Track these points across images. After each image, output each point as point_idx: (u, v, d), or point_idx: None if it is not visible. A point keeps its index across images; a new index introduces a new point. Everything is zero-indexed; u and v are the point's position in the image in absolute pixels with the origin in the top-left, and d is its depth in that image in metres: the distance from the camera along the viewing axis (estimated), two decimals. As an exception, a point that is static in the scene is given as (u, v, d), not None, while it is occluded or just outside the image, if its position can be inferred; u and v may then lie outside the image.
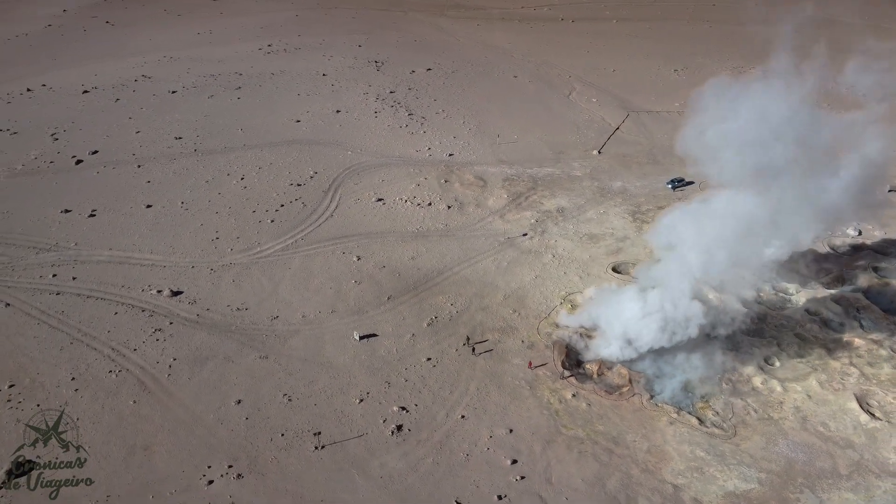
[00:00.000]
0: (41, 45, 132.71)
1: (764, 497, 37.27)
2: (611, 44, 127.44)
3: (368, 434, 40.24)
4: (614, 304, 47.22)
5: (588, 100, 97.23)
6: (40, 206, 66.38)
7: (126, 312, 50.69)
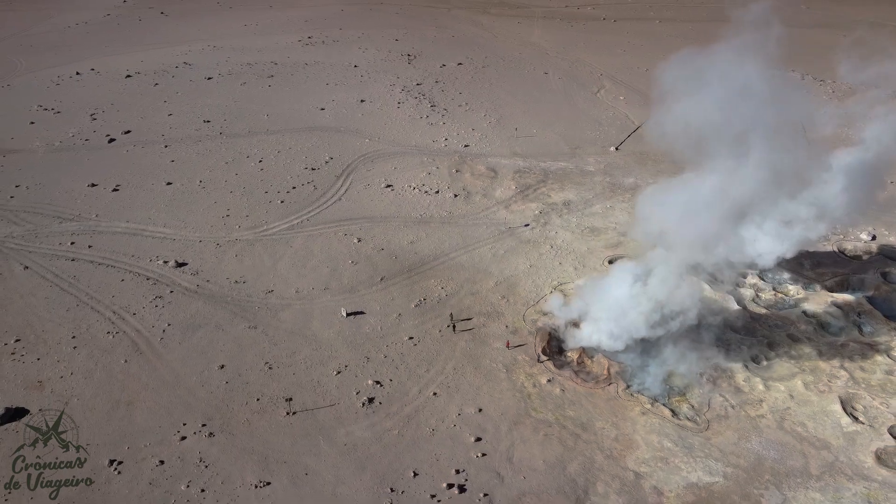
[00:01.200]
0: (98, 33, 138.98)
1: (726, 491, 36.88)
2: (650, 44, 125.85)
3: (340, 404, 41.42)
4: (599, 291, 47.19)
5: (615, 98, 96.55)
6: (70, 180, 70.02)
7: (132, 280, 53.23)
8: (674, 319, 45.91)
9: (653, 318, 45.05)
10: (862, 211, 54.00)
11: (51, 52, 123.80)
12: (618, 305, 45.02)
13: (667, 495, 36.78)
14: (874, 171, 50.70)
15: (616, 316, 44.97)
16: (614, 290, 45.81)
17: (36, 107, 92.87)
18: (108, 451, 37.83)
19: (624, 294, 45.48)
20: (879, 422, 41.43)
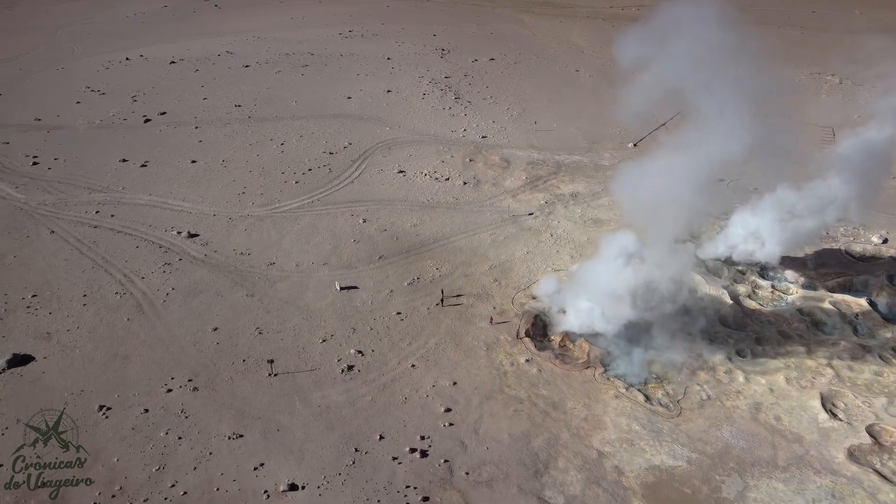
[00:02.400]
0: (152, 23, 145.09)
1: (688, 475, 37.11)
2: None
3: (320, 369, 43.18)
4: (585, 272, 47.62)
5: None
6: (104, 155, 74.07)
7: (146, 247, 56.28)
8: (658, 296, 46.00)
9: (637, 296, 45.02)
10: (869, 203, 53.10)
11: (106, 40, 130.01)
12: (601, 283, 45.19)
13: (627, 475, 37.20)
14: (882, 157, 49.85)
15: (599, 296, 45.28)
16: (599, 267, 46.04)
17: (84, 88, 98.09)
18: (100, 397, 40.48)
19: (608, 270, 45.62)
20: (859, 420, 40.83)
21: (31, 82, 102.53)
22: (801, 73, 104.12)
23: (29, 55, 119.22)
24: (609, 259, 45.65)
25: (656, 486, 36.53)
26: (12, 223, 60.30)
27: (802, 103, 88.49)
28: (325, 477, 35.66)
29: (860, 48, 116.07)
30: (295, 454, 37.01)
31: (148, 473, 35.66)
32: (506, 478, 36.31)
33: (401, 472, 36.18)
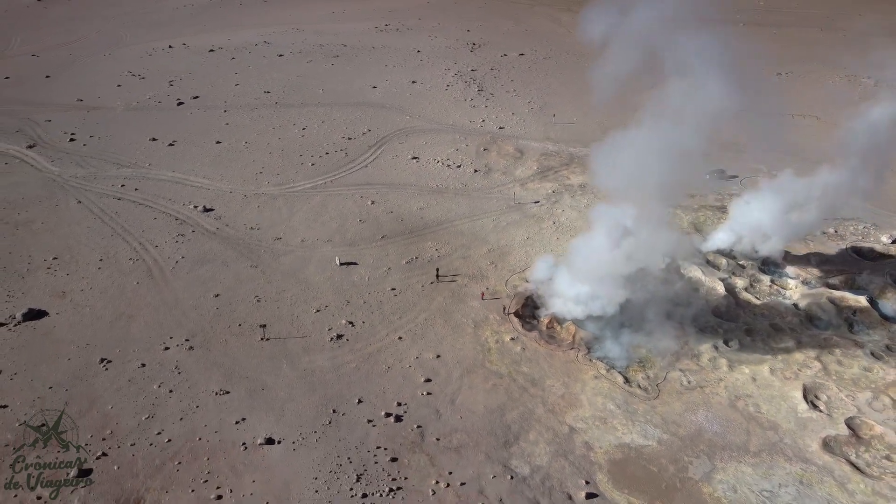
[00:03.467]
0: (200, 14, 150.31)
1: (656, 454, 37.59)
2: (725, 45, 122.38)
3: (310, 337, 44.99)
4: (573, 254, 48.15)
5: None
6: (136, 134, 77.72)
7: (163, 219, 59.15)
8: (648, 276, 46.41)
9: (622, 272, 45.33)
10: (870, 194, 52.62)
11: (154, 29, 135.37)
12: (588, 260, 45.54)
13: (596, 451, 37.86)
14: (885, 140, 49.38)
15: (585, 275, 45.69)
16: (586, 243, 46.49)
17: (126, 73, 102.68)
18: (102, 351, 43.12)
19: (595, 244, 46.01)
20: (839, 412, 40.63)
21: (79, 66, 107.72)
22: (834, 75, 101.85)
23: (80, 42, 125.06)
24: (596, 234, 46.10)
25: (623, 462, 37.12)
26: (44, 193, 64.00)
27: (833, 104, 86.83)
28: (301, 434, 37.36)
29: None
30: (276, 412, 38.83)
31: (137, 421, 37.95)
32: (475, 445, 37.39)
33: (374, 434, 37.63)
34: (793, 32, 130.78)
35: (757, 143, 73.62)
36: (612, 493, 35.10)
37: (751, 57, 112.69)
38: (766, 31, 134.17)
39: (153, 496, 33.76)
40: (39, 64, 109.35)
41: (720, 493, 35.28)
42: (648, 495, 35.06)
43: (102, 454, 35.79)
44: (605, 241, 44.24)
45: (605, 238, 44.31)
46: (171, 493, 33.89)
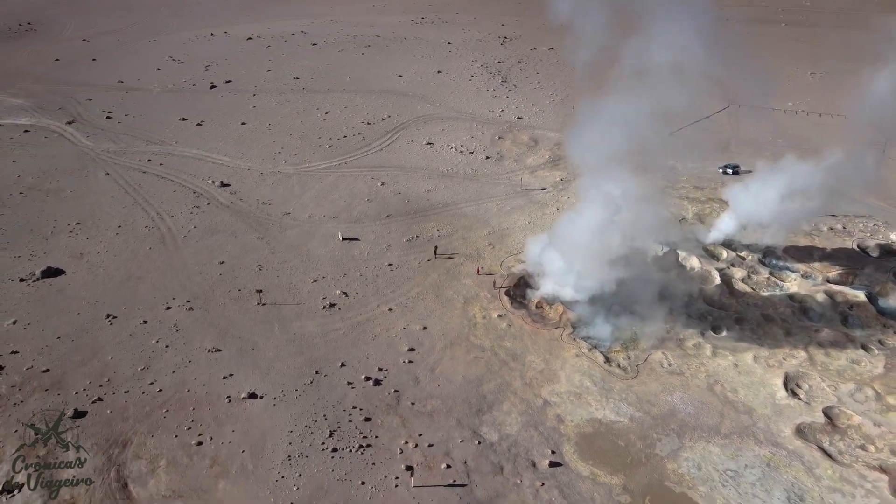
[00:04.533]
0: (245, 5, 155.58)
1: (626, 430, 38.18)
2: (762, 44, 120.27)
3: (304, 304, 46.93)
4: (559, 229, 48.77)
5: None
6: (167, 114, 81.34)
7: (181, 192, 62.10)
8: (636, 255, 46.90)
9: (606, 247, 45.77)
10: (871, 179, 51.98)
11: (200, 18, 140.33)
12: (573, 235, 46.11)
13: (566, 423, 38.65)
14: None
15: (571, 251, 46.25)
16: (571, 218, 47.11)
17: (167, 57, 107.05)
18: (109, 308, 45.87)
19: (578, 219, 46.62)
20: (819, 401, 40.48)
21: (125, 51, 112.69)
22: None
23: (129, 29, 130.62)
24: (581, 208, 46.73)
25: (592, 436, 37.83)
26: (76, 165, 67.75)
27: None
28: (283, 391, 39.24)
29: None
30: (262, 370, 40.82)
31: (133, 371, 40.43)
32: (448, 411, 38.63)
33: (352, 395, 39.24)
34: (832, 32, 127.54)
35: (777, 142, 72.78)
36: (576, 463, 35.86)
37: (785, 57, 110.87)
38: (807, 31, 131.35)
39: (139, 439, 36.02)
40: (88, 48, 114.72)
41: (684, 470, 35.70)
42: (612, 467, 35.71)
43: (98, 399, 38.27)
44: (590, 214, 44.93)
45: (590, 211, 44.99)
46: (156, 437, 36.08)
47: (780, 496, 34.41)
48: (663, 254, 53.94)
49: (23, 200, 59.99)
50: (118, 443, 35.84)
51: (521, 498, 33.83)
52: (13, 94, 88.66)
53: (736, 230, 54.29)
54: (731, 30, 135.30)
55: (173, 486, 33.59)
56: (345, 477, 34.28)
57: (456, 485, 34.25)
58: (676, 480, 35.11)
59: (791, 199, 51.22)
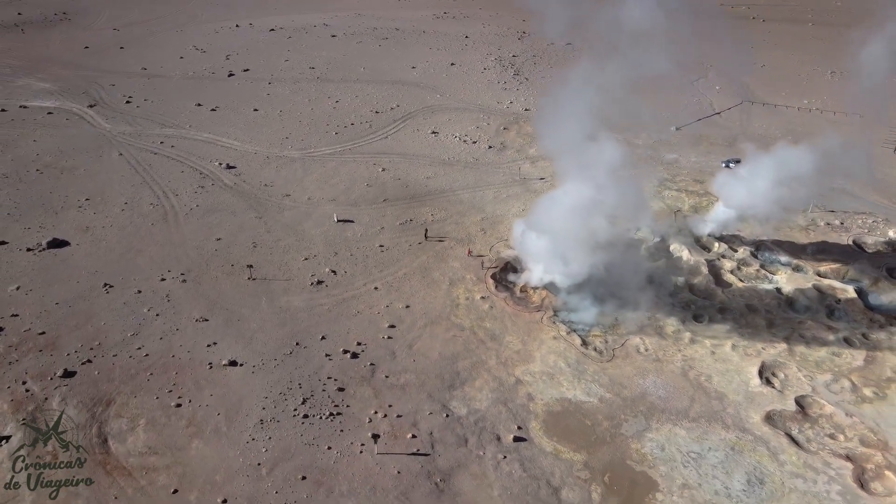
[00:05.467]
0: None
1: (595, 410, 38.74)
2: (787, 43, 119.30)
3: (293, 280, 48.37)
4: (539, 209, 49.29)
5: (711, 87, 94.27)
6: (184, 99, 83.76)
7: (189, 173, 64.14)
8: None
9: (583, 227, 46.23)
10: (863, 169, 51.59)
11: (228, 9, 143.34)
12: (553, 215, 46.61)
13: (536, 401, 39.34)
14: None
15: (547, 230, 46.77)
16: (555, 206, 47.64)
17: (191, 47, 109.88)
18: (107, 278, 47.87)
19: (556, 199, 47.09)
20: (793, 390, 40.51)
21: (151, 40, 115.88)
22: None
23: (159, 19, 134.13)
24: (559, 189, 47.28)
25: (560, 414, 38.47)
26: (93, 145, 70.34)
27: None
28: (262, 360, 40.68)
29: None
30: (245, 340, 42.33)
31: (123, 336, 42.26)
32: (420, 385, 39.64)
33: (328, 366, 40.50)
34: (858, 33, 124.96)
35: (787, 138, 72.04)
36: (540, 439, 36.56)
37: (806, 56, 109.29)
38: (833, 31, 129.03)
39: (122, 399, 37.75)
40: (118, 37, 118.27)
41: (647, 450, 36.16)
42: (576, 445, 36.33)
43: (88, 361, 40.15)
44: (563, 192, 45.51)
45: (563, 190, 45.55)
46: (139, 398, 37.79)
47: (741, 478, 34.66)
48: (654, 243, 54.13)
49: (38, 177, 62.55)
50: (102, 402, 37.58)
51: (482, 469, 34.64)
52: (41, 78, 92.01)
53: (728, 221, 54.16)
54: (750, 27, 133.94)
55: (150, 444, 35.19)
56: (312, 441, 35.51)
57: (419, 454, 35.22)
58: (638, 459, 35.58)
59: (778, 187, 50.89)
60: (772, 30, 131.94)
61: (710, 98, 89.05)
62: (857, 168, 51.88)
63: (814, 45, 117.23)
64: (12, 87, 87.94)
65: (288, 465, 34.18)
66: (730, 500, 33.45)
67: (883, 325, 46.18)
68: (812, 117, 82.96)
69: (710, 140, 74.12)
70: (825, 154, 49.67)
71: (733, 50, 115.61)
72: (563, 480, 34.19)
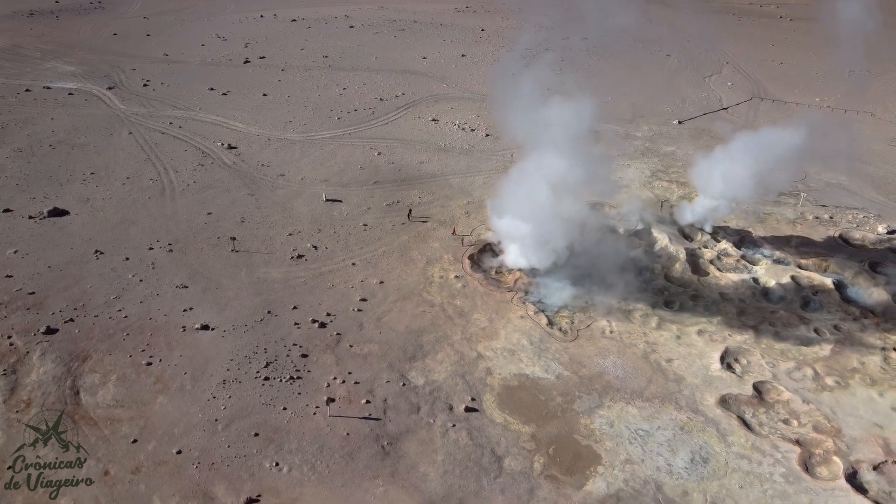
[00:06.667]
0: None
1: (551, 386, 39.46)
2: (810, 42, 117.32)
3: (274, 254, 50.00)
4: None
5: (723, 83, 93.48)
6: (198, 84, 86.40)
7: (191, 151, 66.41)
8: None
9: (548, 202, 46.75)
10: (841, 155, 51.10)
11: (257, 1, 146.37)
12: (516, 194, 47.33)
13: (494, 375, 40.19)
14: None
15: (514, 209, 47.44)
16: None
17: (213, 35, 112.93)
18: (99, 245, 50.16)
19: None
20: (753, 376, 40.63)
21: (177, 29, 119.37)
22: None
23: (189, 9, 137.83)
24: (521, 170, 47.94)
25: (516, 388, 39.27)
26: (105, 124, 73.21)
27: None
28: (233, 325, 42.33)
29: None
30: (219, 306, 44.06)
31: (106, 299, 44.36)
32: (382, 356, 40.82)
33: (295, 334, 41.97)
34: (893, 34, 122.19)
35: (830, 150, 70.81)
36: (492, 410, 37.42)
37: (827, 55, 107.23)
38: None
39: (98, 356, 39.75)
40: (146, 25, 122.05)
41: (595, 426, 36.75)
42: (526, 418, 37.10)
43: (70, 320, 42.30)
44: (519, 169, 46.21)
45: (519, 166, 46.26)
46: (113, 356, 39.75)
47: (685, 456, 35.04)
48: (636, 231, 54.44)
49: (50, 151, 65.46)
50: (79, 357, 39.62)
51: (430, 436, 35.66)
52: (68, 62, 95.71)
53: (709, 211, 54.12)
54: (777, 26, 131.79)
55: (118, 398, 37.06)
56: (269, 402, 36.96)
57: (370, 418, 36.40)
58: (585, 434, 36.20)
59: (752, 169, 50.65)
60: (797, 28, 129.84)
61: (721, 94, 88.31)
62: (835, 152, 51.20)
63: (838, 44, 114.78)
64: (40, 70, 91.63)
65: (243, 422, 35.65)
66: (671, 476, 33.85)
67: (857, 317, 45.76)
68: (822, 115, 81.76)
69: (710, 134, 73.70)
70: (800, 136, 49.33)
71: (752, 47, 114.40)
72: (507, 450, 34.98)
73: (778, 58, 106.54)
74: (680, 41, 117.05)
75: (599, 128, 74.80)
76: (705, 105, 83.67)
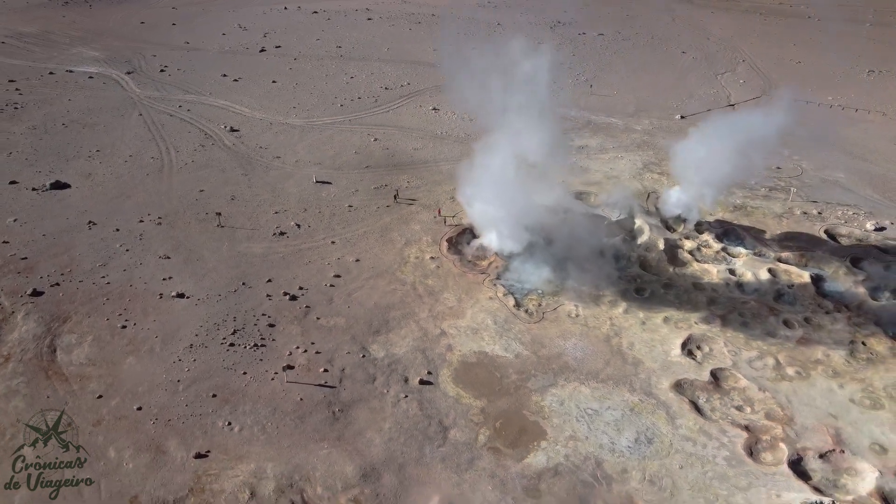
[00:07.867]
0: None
1: (508, 364, 40.13)
2: (834, 42, 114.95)
3: (258, 230, 51.58)
4: None
5: (735, 81, 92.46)
6: (212, 71, 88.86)
7: (195, 133, 68.60)
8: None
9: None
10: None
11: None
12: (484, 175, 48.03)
13: (454, 352, 40.99)
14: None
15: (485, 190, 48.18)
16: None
17: (235, 25, 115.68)
18: (93, 217, 52.41)
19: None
20: (712, 363, 40.71)
21: (203, 18, 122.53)
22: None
23: (217, 1, 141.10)
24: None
25: (473, 365, 40.04)
26: (118, 106, 75.98)
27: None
28: (208, 295, 43.96)
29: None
30: (197, 277, 45.76)
31: (92, 266, 46.44)
32: (347, 329, 42.00)
33: (266, 305, 43.41)
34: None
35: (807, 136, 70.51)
36: (446, 384, 38.28)
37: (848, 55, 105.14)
38: (891, 32, 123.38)
39: (77, 318, 41.73)
40: (173, 14, 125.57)
41: (546, 403, 37.33)
42: (478, 392, 37.86)
43: (56, 284, 44.43)
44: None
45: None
46: (91, 318, 41.69)
47: (630, 436, 35.44)
48: (616, 220, 54.67)
49: (62, 130, 68.29)
50: (59, 318, 41.65)
51: (381, 405, 36.70)
52: (94, 47, 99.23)
53: (691, 197, 53.97)
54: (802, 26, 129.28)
55: (91, 357, 38.92)
56: (231, 367, 38.43)
57: (326, 386, 37.60)
58: (535, 411, 36.82)
59: (725, 154, 50.42)
60: (823, 29, 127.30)
61: (731, 90, 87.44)
62: (812, 139, 50.66)
63: (863, 44, 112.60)
64: (66, 55, 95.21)
65: (204, 384, 37.16)
66: (612, 454, 34.29)
67: (829, 311, 45.38)
68: (832, 114, 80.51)
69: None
70: (774, 120, 49.03)
71: (771, 46, 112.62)
72: (454, 422, 35.81)
73: (797, 57, 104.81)
74: (699, 39, 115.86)
75: (599, 120, 74.97)
76: (712, 101, 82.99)
